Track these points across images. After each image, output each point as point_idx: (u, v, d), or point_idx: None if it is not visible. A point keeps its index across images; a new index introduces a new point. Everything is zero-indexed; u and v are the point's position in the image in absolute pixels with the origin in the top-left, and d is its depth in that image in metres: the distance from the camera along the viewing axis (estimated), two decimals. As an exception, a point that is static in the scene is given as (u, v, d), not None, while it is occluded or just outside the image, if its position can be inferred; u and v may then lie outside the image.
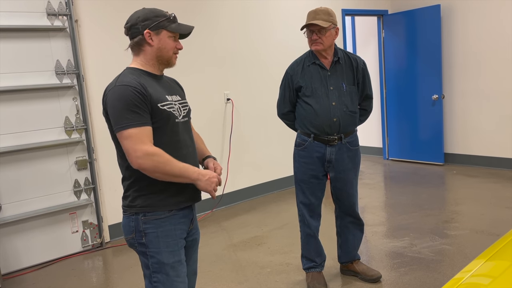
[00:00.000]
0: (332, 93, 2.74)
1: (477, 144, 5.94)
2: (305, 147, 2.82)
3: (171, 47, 1.81)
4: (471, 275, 1.41)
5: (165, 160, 1.68)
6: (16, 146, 3.63)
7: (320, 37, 2.67)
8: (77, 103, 3.93)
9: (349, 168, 2.87)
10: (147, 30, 1.76)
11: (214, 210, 4.89)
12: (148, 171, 1.68)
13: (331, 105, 2.73)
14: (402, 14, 6.30)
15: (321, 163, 2.82)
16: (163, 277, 1.78)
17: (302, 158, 2.85)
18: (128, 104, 1.66)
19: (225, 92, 4.97)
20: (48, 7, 3.73)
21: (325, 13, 2.67)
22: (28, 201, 3.72)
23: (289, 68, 2.86)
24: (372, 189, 5.33)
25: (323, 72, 2.77)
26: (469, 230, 3.76)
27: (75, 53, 3.86)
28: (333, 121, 2.74)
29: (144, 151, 1.65)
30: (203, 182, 1.75)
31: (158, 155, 1.67)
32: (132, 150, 1.65)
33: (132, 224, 1.79)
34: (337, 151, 2.80)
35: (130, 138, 1.65)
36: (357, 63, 2.82)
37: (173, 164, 1.70)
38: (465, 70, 5.92)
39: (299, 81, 2.77)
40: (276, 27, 5.36)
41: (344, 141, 2.80)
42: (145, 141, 1.66)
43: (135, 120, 1.66)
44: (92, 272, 3.58)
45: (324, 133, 2.76)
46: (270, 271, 3.31)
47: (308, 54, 2.84)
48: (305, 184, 2.86)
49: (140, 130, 1.66)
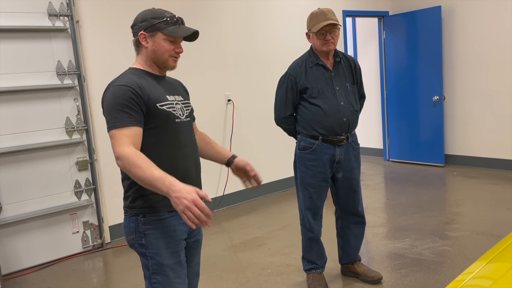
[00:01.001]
0: (339, 93, 2.76)
1: (478, 145, 5.94)
2: (313, 150, 2.78)
3: (165, 50, 1.78)
4: (473, 277, 1.41)
5: (137, 164, 1.55)
6: (17, 146, 3.63)
7: (333, 37, 2.68)
8: (78, 103, 3.93)
9: (355, 167, 2.89)
10: (142, 32, 1.76)
11: (214, 211, 4.89)
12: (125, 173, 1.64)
13: (340, 105, 2.74)
14: (403, 15, 6.30)
15: (330, 164, 2.81)
16: (163, 278, 1.77)
17: (310, 162, 2.81)
18: (118, 104, 1.66)
19: (226, 93, 4.97)
20: (49, 7, 3.73)
21: (332, 13, 2.69)
22: (28, 202, 3.72)
23: (291, 69, 2.82)
24: (373, 190, 5.32)
25: (327, 73, 2.77)
26: (469, 232, 3.76)
27: (76, 54, 3.87)
28: (343, 121, 2.74)
29: (119, 152, 1.60)
30: (172, 198, 1.47)
31: (130, 158, 1.56)
32: (114, 150, 1.63)
33: (132, 225, 1.78)
34: (345, 151, 2.81)
35: (113, 138, 1.64)
36: (354, 64, 2.89)
37: (146, 170, 1.53)
38: (466, 72, 5.92)
39: (304, 82, 2.75)
40: (278, 28, 5.36)
41: (349, 140, 2.82)
42: (124, 142, 1.61)
43: (122, 120, 1.65)
44: (93, 273, 3.58)
45: (334, 134, 2.75)
46: (270, 272, 3.31)
47: (308, 55, 2.82)
48: (313, 188, 2.84)
49: (122, 131, 1.64)
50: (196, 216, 1.45)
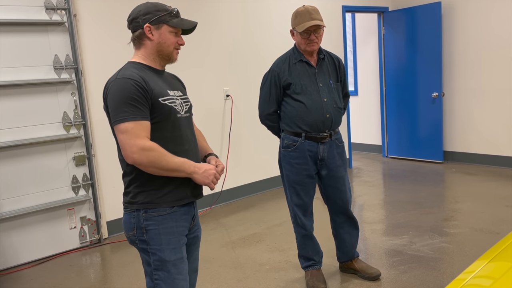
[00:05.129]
0: (322, 89, 2.75)
1: (477, 142, 5.93)
2: (297, 147, 2.79)
3: (171, 42, 1.79)
4: (474, 276, 1.40)
5: (160, 154, 1.66)
6: (13, 141, 3.60)
7: (317, 36, 2.68)
8: (76, 98, 3.90)
9: (340, 165, 2.87)
10: (147, 24, 1.75)
11: (213, 207, 4.87)
12: (143, 166, 1.66)
13: (323, 101, 2.74)
14: (403, 11, 6.27)
15: (314, 161, 2.81)
16: (165, 274, 1.76)
17: (294, 159, 2.81)
18: (127, 97, 1.64)
19: (225, 89, 4.95)
20: (47, 1, 3.69)
21: (317, 12, 2.67)
22: (25, 197, 3.70)
23: (274, 65, 2.81)
24: (371, 186, 5.32)
25: (311, 70, 2.77)
26: (468, 228, 3.75)
27: (74, 48, 3.83)
28: (326, 117, 2.74)
29: (140, 146, 1.63)
30: (199, 175, 1.74)
31: (154, 150, 1.65)
32: (128, 145, 1.63)
33: (133, 220, 1.77)
34: (328, 148, 2.81)
35: (126, 132, 1.63)
36: (338, 62, 2.89)
37: (169, 158, 1.68)
38: (466, 68, 5.91)
39: (287, 78, 2.74)
40: (276, 23, 5.33)
41: (333, 138, 2.83)
42: (141, 136, 1.64)
43: (133, 114, 1.64)
44: (90, 269, 3.57)
45: (317, 130, 2.75)
46: (269, 268, 3.30)
47: (292, 51, 2.82)
48: (299, 185, 2.84)
49: (136, 124, 1.64)
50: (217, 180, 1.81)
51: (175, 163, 1.69)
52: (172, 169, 1.69)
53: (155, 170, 1.67)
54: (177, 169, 1.70)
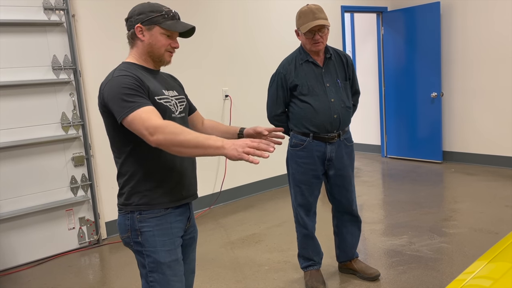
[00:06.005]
0: (329, 89, 2.73)
1: (476, 142, 5.93)
2: (304, 147, 2.77)
3: (162, 44, 1.76)
4: (474, 277, 1.39)
5: (177, 130, 1.53)
6: (12, 142, 3.59)
7: (322, 36, 2.65)
8: (74, 98, 3.89)
9: (348, 165, 2.86)
10: (139, 25, 1.73)
11: (211, 207, 4.87)
12: (165, 146, 1.56)
13: (330, 101, 2.72)
14: (402, 11, 6.27)
15: (322, 162, 2.79)
16: (160, 276, 1.75)
17: (301, 159, 2.80)
18: (129, 89, 1.62)
19: (224, 89, 4.94)
20: (45, 1, 3.68)
21: (321, 11, 2.64)
22: (24, 198, 3.69)
23: (281, 67, 2.80)
24: (371, 186, 5.32)
25: (318, 70, 2.75)
26: (467, 229, 3.75)
27: (72, 48, 3.82)
28: (334, 118, 2.72)
29: (155, 125, 1.54)
30: (229, 150, 1.48)
31: (168, 126, 1.53)
32: (144, 128, 1.56)
33: (127, 222, 1.76)
34: (337, 148, 2.79)
35: (139, 118, 1.57)
36: (346, 60, 2.85)
37: (188, 134, 1.52)
38: (464, 68, 5.91)
39: (294, 79, 2.73)
40: (276, 24, 5.32)
41: (342, 138, 2.80)
42: (153, 118, 1.57)
43: (139, 102, 1.60)
44: (89, 269, 3.56)
45: (325, 131, 2.73)
46: (268, 269, 3.29)
47: (298, 52, 2.80)
48: (305, 185, 2.83)
49: (146, 109, 1.59)
50: (255, 148, 1.47)
51: (197, 137, 1.52)
52: (193, 144, 1.51)
53: (177, 149, 1.55)
54: (201, 144, 1.51)
